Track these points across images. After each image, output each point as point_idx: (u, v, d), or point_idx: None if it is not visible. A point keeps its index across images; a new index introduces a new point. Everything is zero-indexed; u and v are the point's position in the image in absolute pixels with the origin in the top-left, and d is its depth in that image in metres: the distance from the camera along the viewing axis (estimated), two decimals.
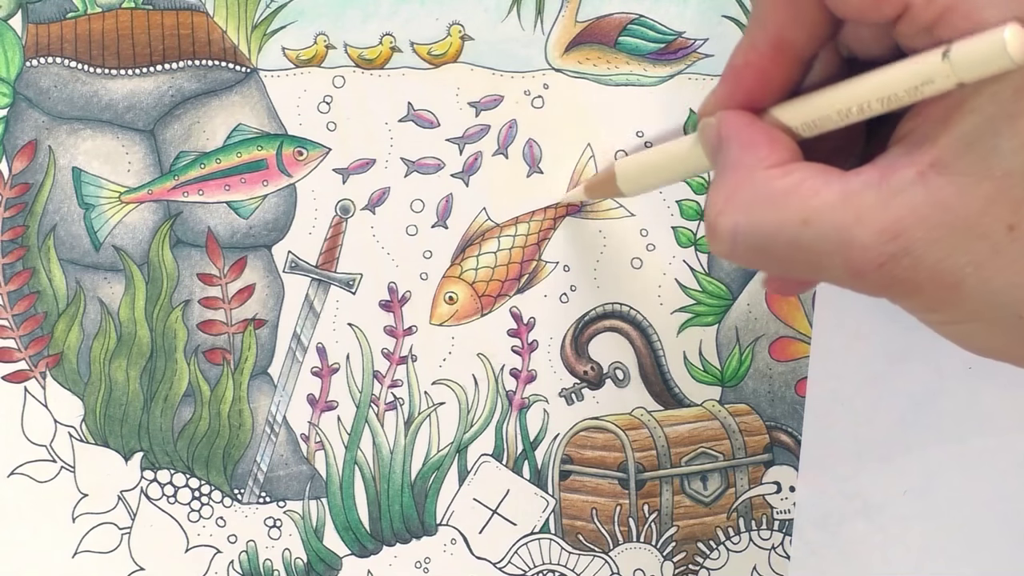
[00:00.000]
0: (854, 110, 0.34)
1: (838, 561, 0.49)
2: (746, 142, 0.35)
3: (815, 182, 0.33)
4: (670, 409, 0.49)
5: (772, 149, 0.35)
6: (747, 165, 0.35)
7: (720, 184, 0.35)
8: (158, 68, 0.48)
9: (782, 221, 0.33)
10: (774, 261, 0.34)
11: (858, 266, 0.33)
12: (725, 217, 0.34)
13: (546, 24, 0.47)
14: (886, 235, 0.32)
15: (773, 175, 0.34)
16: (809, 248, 0.33)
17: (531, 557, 0.51)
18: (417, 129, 0.48)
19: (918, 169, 0.32)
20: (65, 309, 0.50)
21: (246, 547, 0.51)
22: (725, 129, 0.36)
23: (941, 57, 0.31)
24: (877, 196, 0.32)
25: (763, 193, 0.34)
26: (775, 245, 0.34)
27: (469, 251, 0.49)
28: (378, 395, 0.50)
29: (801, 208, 0.33)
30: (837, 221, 0.33)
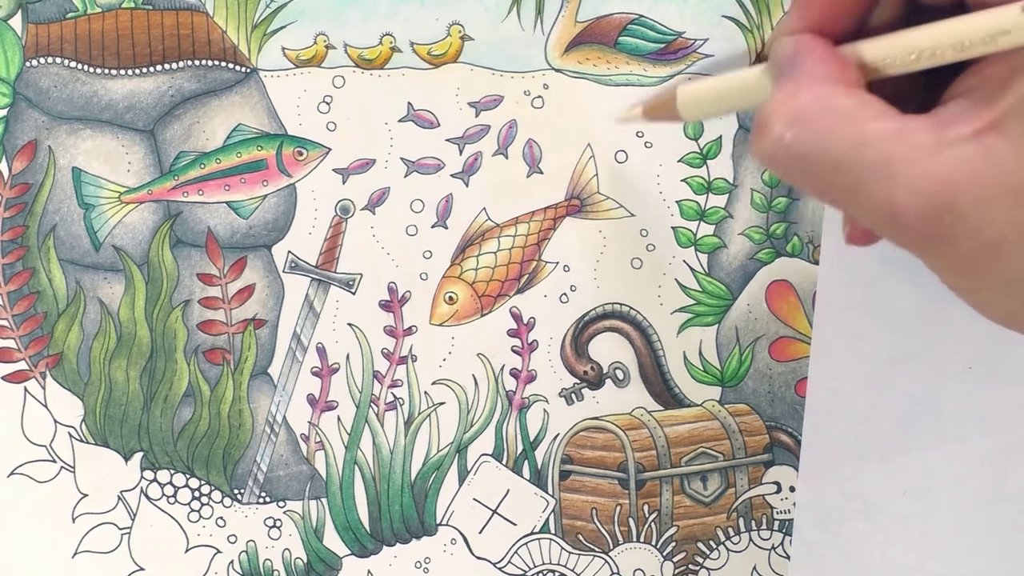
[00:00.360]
0: (926, 55, 0.34)
1: (838, 561, 0.49)
2: (819, 57, 0.35)
3: (875, 110, 0.33)
4: (670, 409, 0.49)
5: (843, 69, 0.34)
6: (815, 77, 0.34)
7: (783, 86, 0.35)
8: (158, 68, 0.48)
9: (835, 136, 0.33)
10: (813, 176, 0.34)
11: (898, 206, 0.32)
12: (778, 118, 0.34)
13: (546, 24, 0.47)
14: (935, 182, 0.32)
15: (838, 91, 0.33)
16: (853, 171, 0.33)
17: (531, 557, 0.51)
18: (417, 129, 0.48)
19: (975, 127, 0.32)
20: (65, 309, 0.50)
21: (246, 547, 0.51)
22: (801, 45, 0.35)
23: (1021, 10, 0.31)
24: (932, 141, 0.32)
25: (824, 104, 0.33)
26: (821, 159, 0.33)
27: (469, 251, 0.49)
28: (378, 395, 0.50)
29: (856, 129, 0.33)
30: (889, 153, 0.32)
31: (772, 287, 0.49)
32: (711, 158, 0.47)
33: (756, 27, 0.46)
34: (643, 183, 0.48)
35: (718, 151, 0.47)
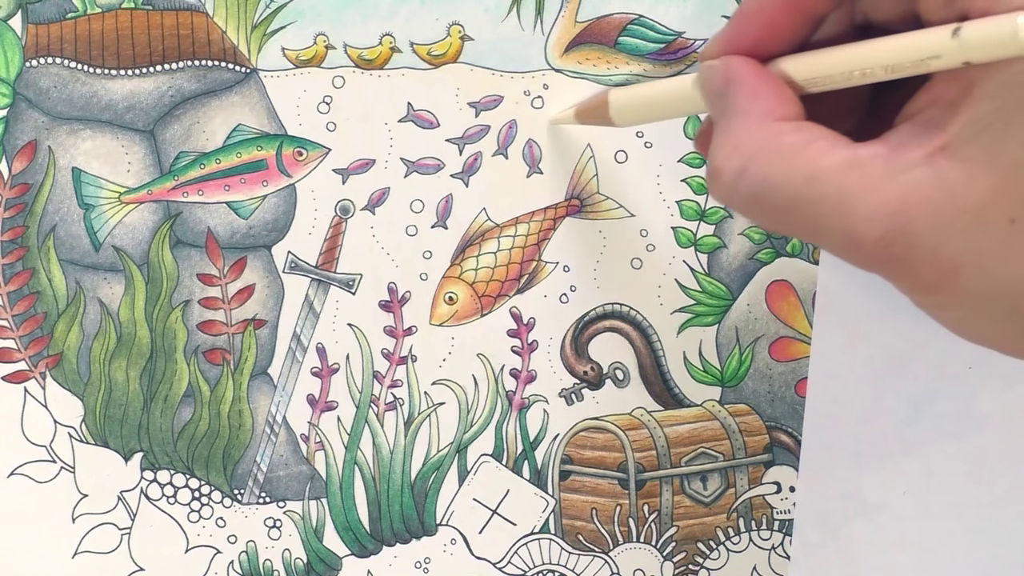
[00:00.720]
0: (857, 73, 0.34)
1: (838, 561, 0.49)
2: (753, 91, 0.35)
3: (824, 143, 0.33)
4: (670, 409, 0.49)
5: (780, 101, 0.34)
6: (755, 114, 0.34)
7: (727, 129, 0.35)
8: (158, 68, 0.48)
9: (788, 174, 0.33)
10: (771, 213, 0.34)
11: (856, 235, 0.32)
12: (731, 161, 0.34)
13: (546, 24, 0.47)
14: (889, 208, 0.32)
15: (783, 128, 0.34)
16: (809, 207, 0.33)
17: (531, 557, 0.51)
18: (417, 129, 0.48)
19: (927, 151, 0.32)
20: (65, 309, 0.50)
21: (246, 547, 0.51)
22: (732, 73, 0.36)
23: (951, 34, 0.31)
24: (884, 169, 0.32)
25: (772, 144, 0.34)
26: (776, 197, 0.33)
27: (469, 251, 0.49)
28: (378, 395, 0.50)
29: (808, 165, 0.33)
30: (842, 185, 0.32)
31: (772, 287, 0.49)
32: None
33: None
34: (643, 183, 0.48)
35: None
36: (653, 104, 0.41)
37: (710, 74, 0.37)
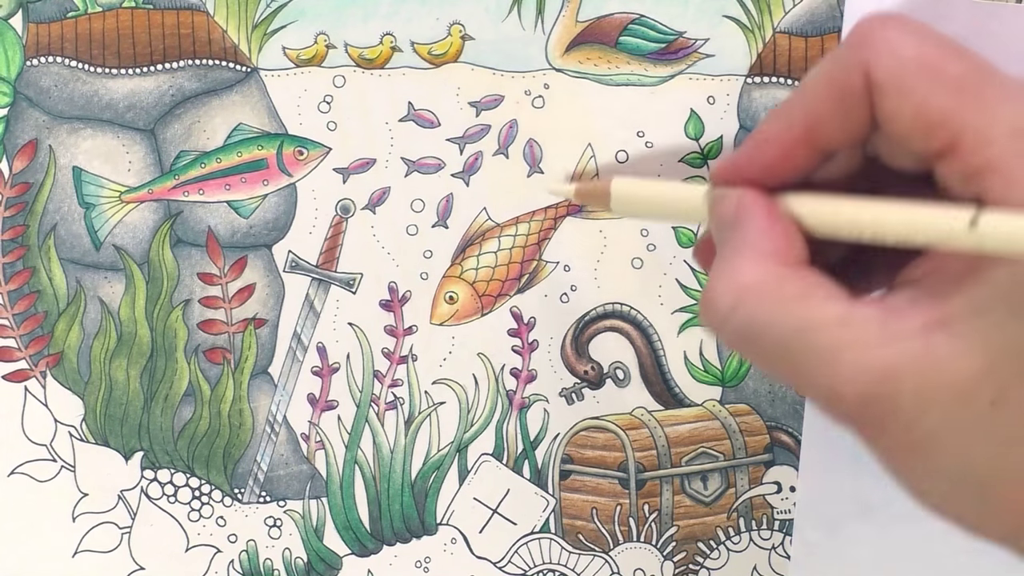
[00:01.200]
0: (867, 234, 0.34)
1: (838, 561, 0.49)
2: (764, 230, 0.35)
3: (821, 295, 0.34)
4: (670, 409, 0.49)
5: (786, 244, 0.35)
6: (760, 254, 0.35)
7: (727, 264, 0.35)
8: (158, 67, 0.48)
9: (780, 321, 0.34)
10: (758, 353, 0.35)
11: (839, 390, 0.33)
12: (727, 297, 0.34)
13: (547, 24, 0.47)
14: (875, 373, 0.32)
15: (784, 274, 0.34)
16: (797, 356, 0.33)
17: (531, 557, 0.51)
18: (417, 129, 0.48)
19: (924, 321, 0.32)
20: (65, 308, 0.50)
21: (246, 546, 0.51)
22: (744, 210, 0.36)
23: (969, 223, 0.31)
24: (877, 334, 0.33)
25: (770, 289, 0.34)
26: (765, 340, 0.34)
27: (469, 251, 0.49)
28: (378, 395, 0.50)
29: (802, 316, 0.33)
30: (833, 341, 0.33)
31: None
32: (712, 158, 0.47)
33: (757, 27, 0.46)
34: None
35: (719, 151, 0.47)
36: (656, 206, 0.41)
37: (722, 204, 0.37)
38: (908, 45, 0.33)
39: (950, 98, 0.32)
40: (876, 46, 0.34)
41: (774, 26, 0.46)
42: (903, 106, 0.33)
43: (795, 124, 0.36)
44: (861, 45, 0.34)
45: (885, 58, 0.33)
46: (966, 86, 0.32)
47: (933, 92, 0.33)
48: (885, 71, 0.33)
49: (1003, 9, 0.43)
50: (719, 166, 0.38)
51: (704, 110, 0.47)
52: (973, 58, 0.33)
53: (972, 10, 0.43)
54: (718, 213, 0.37)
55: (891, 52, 0.33)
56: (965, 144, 0.32)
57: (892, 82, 0.33)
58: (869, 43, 0.34)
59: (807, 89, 0.36)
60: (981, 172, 0.32)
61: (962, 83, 0.32)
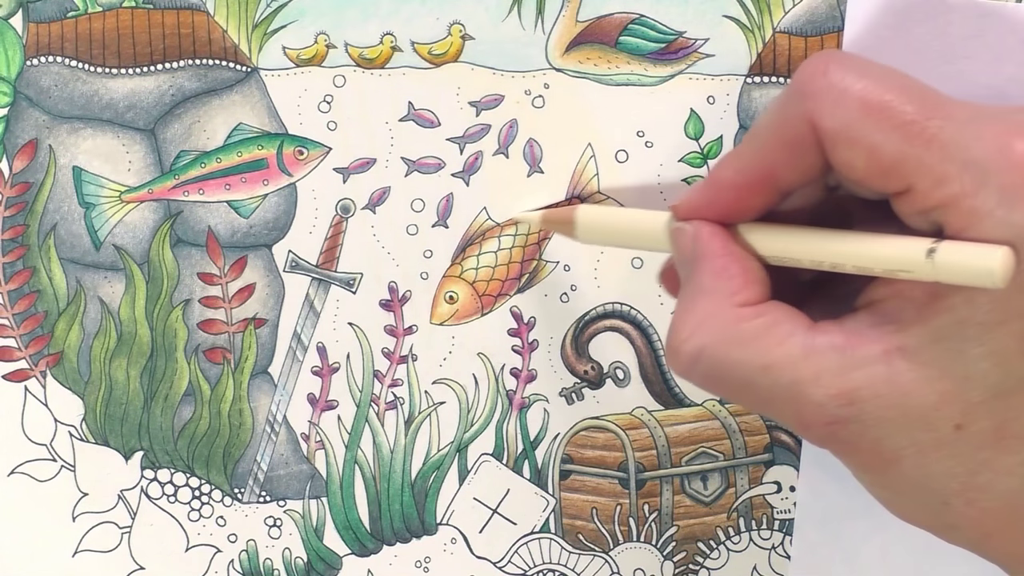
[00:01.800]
0: (826, 264, 0.35)
1: (838, 561, 0.49)
2: (720, 270, 0.36)
3: (781, 331, 0.34)
4: (670, 409, 0.49)
5: (745, 284, 0.35)
6: (719, 295, 0.35)
7: (688, 307, 0.36)
8: (158, 67, 0.48)
9: (743, 362, 0.34)
10: (728, 391, 0.36)
11: (807, 420, 0.34)
12: (690, 343, 0.35)
13: (547, 24, 0.47)
14: (840, 400, 0.33)
15: (743, 315, 0.35)
16: (764, 392, 0.34)
17: (531, 556, 0.51)
18: (417, 128, 0.48)
19: (884, 348, 0.33)
20: (65, 308, 0.50)
21: (246, 546, 0.51)
22: (701, 247, 0.36)
23: (926, 254, 0.32)
24: (839, 362, 0.33)
25: (730, 331, 0.35)
26: (731, 380, 0.35)
27: (469, 251, 0.49)
28: (378, 394, 0.50)
29: (764, 354, 0.34)
30: (796, 375, 0.34)
31: None
32: (712, 158, 0.47)
33: (757, 27, 0.46)
34: (643, 183, 0.48)
35: (719, 151, 0.47)
36: (621, 234, 0.42)
37: (680, 239, 0.38)
38: (851, 91, 0.33)
39: (900, 142, 0.32)
40: (819, 96, 0.33)
41: (774, 26, 0.46)
42: (854, 155, 0.33)
43: (749, 170, 0.36)
44: (804, 96, 0.34)
45: (829, 108, 0.33)
46: (915, 126, 0.32)
47: (882, 138, 0.32)
48: (831, 122, 0.33)
49: (1003, 9, 0.43)
50: (679, 204, 0.38)
51: (704, 110, 0.47)
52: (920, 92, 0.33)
53: (972, 10, 0.43)
54: (677, 250, 0.38)
55: (834, 101, 0.33)
56: (920, 185, 0.32)
57: (840, 133, 0.33)
58: (811, 93, 0.33)
59: (757, 137, 0.36)
60: (938, 207, 0.32)
61: (911, 124, 0.32)
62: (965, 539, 0.36)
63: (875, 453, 0.34)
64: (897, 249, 0.33)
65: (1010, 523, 0.35)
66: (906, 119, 0.32)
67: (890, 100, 0.33)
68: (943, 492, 0.34)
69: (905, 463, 0.34)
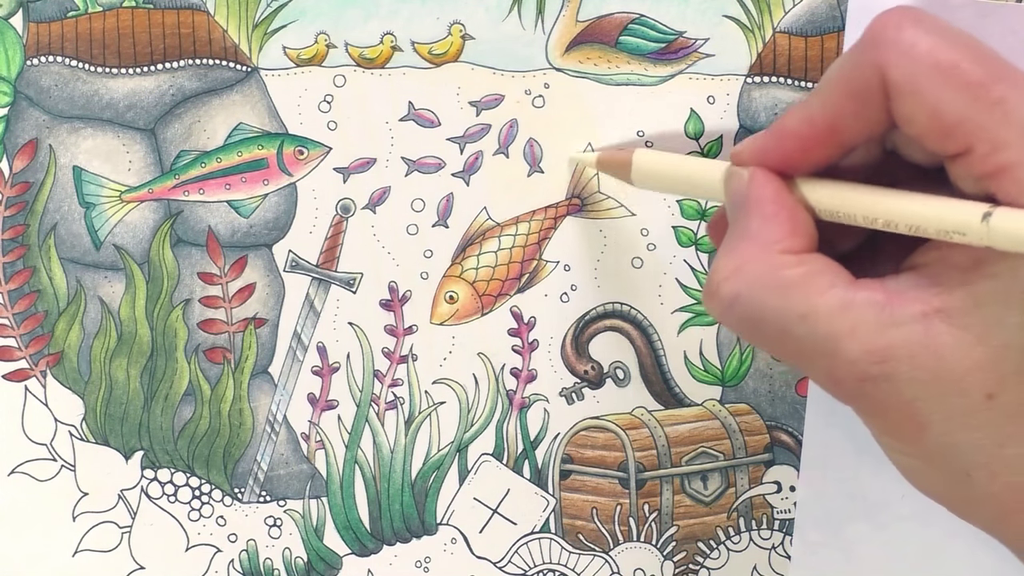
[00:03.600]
0: (880, 221, 0.34)
1: (838, 561, 0.49)
2: (769, 216, 0.36)
3: (823, 280, 0.34)
4: (670, 409, 0.49)
5: (792, 232, 0.35)
6: (764, 241, 0.35)
7: (732, 250, 0.36)
8: (159, 67, 0.48)
9: (781, 309, 0.34)
10: (762, 338, 0.35)
11: (839, 374, 0.34)
12: (729, 284, 0.35)
13: (547, 23, 0.47)
14: (874, 356, 0.33)
15: (786, 261, 0.35)
16: (799, 341, 0.34)
17: (531, 556, 0.51)
18: (418, 128, 0.48)
19: (923, 309, 0.33)
20: (65, 308, 0.50)
21: (246, 546, 0.51)
22: (754, 193, 0.36)
23: (981, 218, 0.32)
24: (877, 318, 0.33)
25: (772, 276, 0.34)
26: (768, 327, 0.35)
27: (470, 250, 0.49)
28: (378, 394, 0.50)
29: (803, 303, 0.34)
30: (833, 328, 0.33)
31: None
32: (712, 157, 0.47)
33: (757, 27, 0.46)
34: None
35: (719, 151, 0.47)
36: (677, 180, 0.42)
37: (735, 183, 0.37)
38: (922, 46, 0.33)
39: (964, 102, 0.32)
40: (890, 47, 0.33)
41: (774, 26, 0.46)
42: (917, 109, 0.33)
43: (815, 121, 0.36)
44: (876, 45, 0.34)
45: (899, 60, 0.33)
46: (980, 89, 0.32)
47: (947, 96, 0.32)
48: (899, 73, 0.33)
49: (1003, 9, 0.43)
50: (741, 149, 0.38)
51: (704, 110, 0.47)
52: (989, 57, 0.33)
53: (972, 10, 0.43)
54: (731, 194, 0.38)
55: (905, 54, 0.33)
56: (979, 148, 0.32)
57: (906, 85, 0.33)
58: (883, 43, 0.34)
59: (826, 87, 0.36)
60: (994, 175, 0.32)
61: (976, 86, 0.32)
62: (983, 517, 0.36)
63: (903, 415, 0.33)
64: (953, 210, 0.33)
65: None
66: (973, 80, 0.32)
67: (959, 60, 0.33)
68: (967, 463, 0.34)
69: (932, 429, 0.33)
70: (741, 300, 0.35)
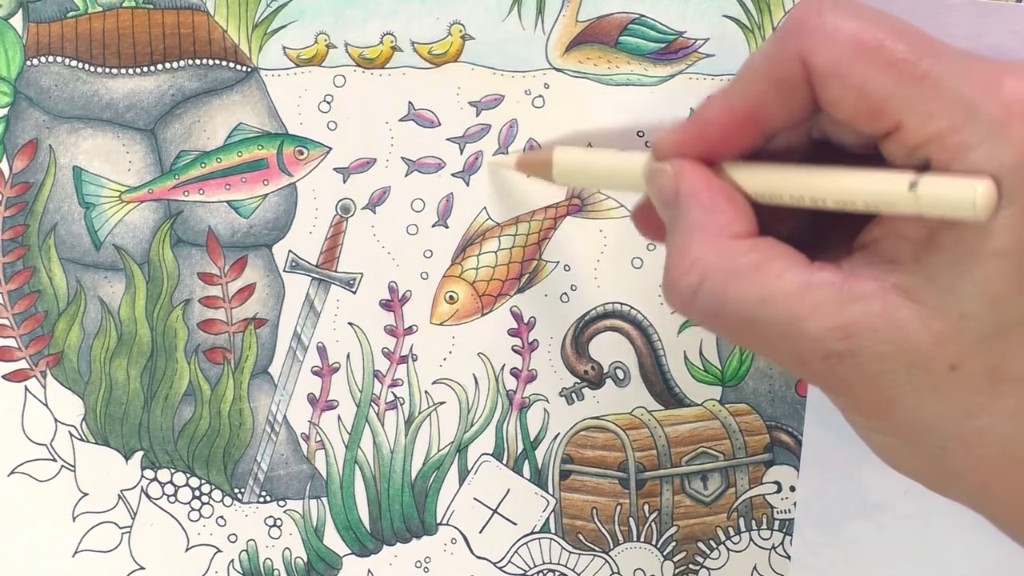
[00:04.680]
0: (807, 199, 0.34)
1: (838, 561, 0.49)
2: (708, 205, 0.36)
3: (778, 265, 0.34)
4: (670, 409, 0.49)
5: (735, 216, 0.35)
6: (711, 229, 0.35)
7: (682, 244, 0.36)
8: (159, 67, 0.48)
9: (741, 295, 0.34)
10: (725, 327, 0.35)
11: (804, 354, 0.34)
12: (687, 277, 0.35)
13: (547, 24, 0.47)
14: (837, 333, 0.33)
15: (739, 248, 0.35)
16: (761, 326, 0.34)
17: (531, 557, 0.51)
18: (418, 128, 0.48)
19: (881, 285, 0.33)
20: (65, 308, 0.50)
21: (246, 546, 0.51)
22: (686, 186, 0.36)
23: (908, 187, 0.32)
24: (836, 295, 0.33)
25: (727, 264, 0.34)
26: (730, 315, 0.34)
27: (469, 250, 0.49)
28: (378, 394, 0.50)
29: (762, 287, 0.34)
30: (793, 309, 0.33)
31: None
32: None
33: (757, 27, 0.47)
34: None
35: None
36: (598, 176, 0.42)
37: (661, 179, 0.37)
38: (844, 30, 0.33)
39: (890, 81, 0.32)
40: (811, 33, 0.33)
41: (774, 26, 0.46)
42: (844, 92, 0.33)
43: (736, 108, 0.36)
44: (797, 32, 0.34)
45: (821, 45, 0.33)
46: (905, 65, 0.32)
47: (873, 76, 0.32)
48: (822, 58, 0.33)
49: (1003, 9, 0.43)
50: (660, 141, 0.38)
51: None
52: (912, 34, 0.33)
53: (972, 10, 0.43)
54: (658, 187, 0.37)
55: (827, 38, 0.33)
56: (909, 123, 0.32)
57: (830, 69, 0.33)
58: (804, 31, 0.33)
59: (747, 74, 0.35)
60: (925, 144, 0.32)
61: (901, 62, 0.32)
62: (964, 491, 0.35)
63: (871, 391, 0.33)
64: (879, 182, 0.33)
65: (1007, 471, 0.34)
66: (898, 57, 0.32)
67: (883, 39, 0.33)
68: (940, 436, 0.34)
69: (901, 403, 0.33)
70: (702, 291, 0.35)
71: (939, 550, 0.48)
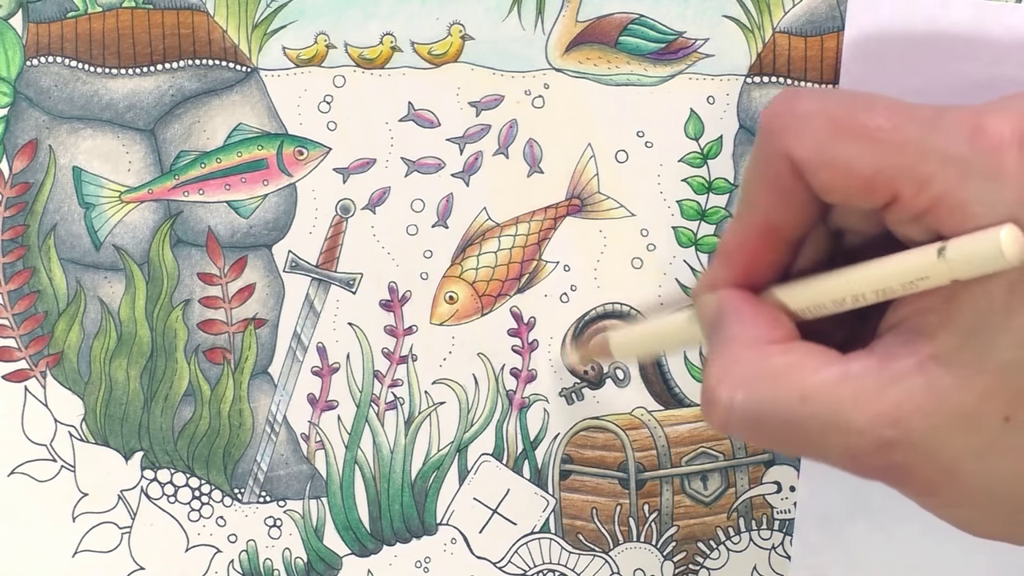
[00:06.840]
0: (848, 300, 0.34)
1: (838, 561, 0.49)
2: (746, 318, 0.36)
3: (814, 361, 0.34)
4: (670, 409, 0.49)
5: (770, 325, 0.35)
6: (746, 339, 0.35)
7: (718, 355, 0.35)
8: (158, 67, 0.48)
9: (779, 397, 0.33)
10: (769, 436, 0.35)
11: (855, 449, 0.33)
12: (723, 388, 0.34)
13: (547, 24, 0.47)
14: (885, 420, 0.32)
15: (773, 351, 0.34)
16: (805, 426, 0.33)
17: (531, 557, 0.51)
18: (417, 129, 0.48)
19: (917, 359, 0.33)
20: (65, 308, 0.50)
21: (246, 546, 0.51)
22: (724, 304, 0.36)
23: (937, 255, 0.32)
24: (876, 381, 0.33)
25: (762, 368, 0.34)
26: (771, 420, 0.34)
27: (469, 251, 0.49)
28: (378, 394, 0.50)
29: (799, 385, 0.33)
30: (835, 401, 0.33)
31: None
32: (712, 158, 0.47)
33: (757, 27, 0.46)
34: (644, 183, 0.48)
35: (719, 151, 0.47)
36: (650, 343, 0.44)
37: (705, 307, 0.38)
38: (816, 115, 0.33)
39: (874, 153, 0.32)
40: (787, 128, 0.34)
41: (774, 26, 0.46)
42: (832, 176, 0.33)
43: (749, 228, 0.36)
44: (774, 133, 0.34)
45: (798, 136, 0.33)
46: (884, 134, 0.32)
47: (855, 153, 0.32)
48: (803, 148, 0.33)
49: (1003, 9, 0.43)
50: (698, 285, 0.38)
51: (704, 110, 0.47)
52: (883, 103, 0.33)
53: (972, 10, 0.43)
54: (703, 317, 0.38)
55: (802, 127, 0.33)
56: (905, 191, 0.32)
57: (813, 158, 0.33)
58: (780, 128, 0.34)
59: (746, 192, 0.36)
60: (931, 208, 0.32)
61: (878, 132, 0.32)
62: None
63: (933, 470, 0.33)
64: (909, 261, 0.33)
65: None
66: (873, 128, 0.32)
67: (855, 113, 0.33)
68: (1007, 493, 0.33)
69: (964, 471, 0.33)
70: (738, 400, 0.34)
71: (939, 550, 0.48)
